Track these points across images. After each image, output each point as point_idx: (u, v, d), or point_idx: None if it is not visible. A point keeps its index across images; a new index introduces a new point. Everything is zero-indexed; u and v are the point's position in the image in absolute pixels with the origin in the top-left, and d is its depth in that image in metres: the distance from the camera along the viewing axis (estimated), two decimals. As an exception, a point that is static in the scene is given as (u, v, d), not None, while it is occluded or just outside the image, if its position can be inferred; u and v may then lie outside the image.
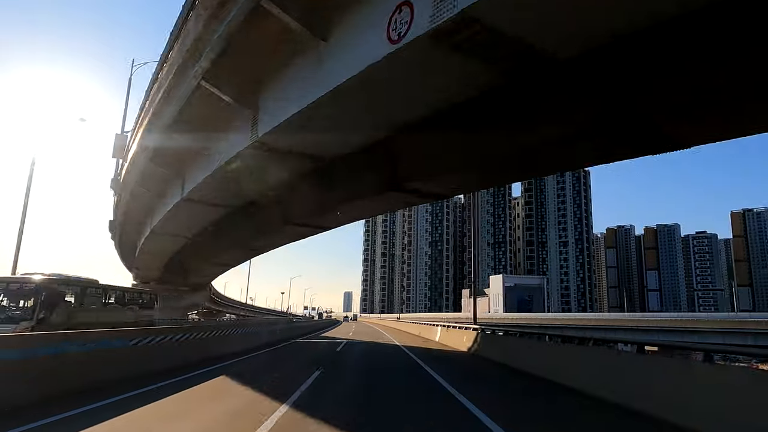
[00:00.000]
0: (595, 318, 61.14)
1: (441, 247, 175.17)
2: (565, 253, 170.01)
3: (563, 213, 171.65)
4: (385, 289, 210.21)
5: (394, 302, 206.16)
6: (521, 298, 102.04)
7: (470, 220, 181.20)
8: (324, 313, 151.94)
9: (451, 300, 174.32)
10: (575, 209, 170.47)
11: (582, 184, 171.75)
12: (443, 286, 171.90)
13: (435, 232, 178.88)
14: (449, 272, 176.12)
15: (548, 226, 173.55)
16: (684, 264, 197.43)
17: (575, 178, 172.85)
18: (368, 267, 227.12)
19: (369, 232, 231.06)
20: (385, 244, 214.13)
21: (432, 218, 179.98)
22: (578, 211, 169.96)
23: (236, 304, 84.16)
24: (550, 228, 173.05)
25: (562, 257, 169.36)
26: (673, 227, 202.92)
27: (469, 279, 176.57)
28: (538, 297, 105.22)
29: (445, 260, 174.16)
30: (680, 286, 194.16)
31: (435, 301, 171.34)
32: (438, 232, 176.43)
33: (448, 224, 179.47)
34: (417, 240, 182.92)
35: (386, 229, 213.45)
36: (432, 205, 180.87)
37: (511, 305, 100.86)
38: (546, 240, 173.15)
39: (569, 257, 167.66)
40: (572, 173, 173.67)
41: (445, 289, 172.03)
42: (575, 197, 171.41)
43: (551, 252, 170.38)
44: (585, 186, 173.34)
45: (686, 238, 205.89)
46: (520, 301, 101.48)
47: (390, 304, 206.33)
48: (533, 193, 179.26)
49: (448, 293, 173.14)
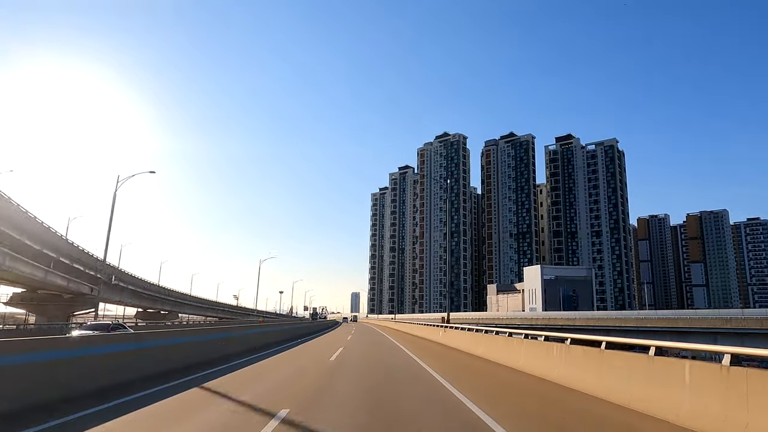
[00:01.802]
0: (704, 317, 42.11)
1: (458, 239, 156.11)
2: (599, 244, 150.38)
3: (595, 199, 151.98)
4: (394, 288, 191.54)
5: (405, 302, 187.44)
6: (565, 294, 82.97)
7: (490, 209, 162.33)
8: (320, 313, 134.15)
9: (470, 298, 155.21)
10: (609, 194, 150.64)
11: (617, 165, 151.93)
12: (461, 282, 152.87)
13: (450, 222, 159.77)
14: (467, 267, 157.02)
15: (579, 214, 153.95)
16: (735, 255, 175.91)
17: (608, 159, 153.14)
18: (376, 264, 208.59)
19: (376, 226, 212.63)
20: (394, 238, 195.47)
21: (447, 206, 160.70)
22: (613, 197, 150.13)
23: (202, 302, 66.19)
24: (581, 216, 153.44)
25: (595, 249, 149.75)
26: (721, 213, 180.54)
27: (490, 274, 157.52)
28: (584, 291, 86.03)
29: (463, 253, 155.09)
30: (731, 281, 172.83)
31: (452, 299, 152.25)
32: (454, 222, 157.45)
33: (465, 213, 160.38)
34: (430, 231, 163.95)
35: (395, 222, 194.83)
36: (447, 191, 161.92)
37: (552, 302, 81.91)
38: (576, 230, 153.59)
39: (604, 249, 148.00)
40: (605, 153, 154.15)
41: (463, 286, 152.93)
42: (609, 180, 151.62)
43: (582, 243, 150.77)
44: (620, 168, 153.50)
45: (737, 226, 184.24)
46: (564, 297, 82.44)
47: (400, 304, 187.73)
48: (560, 177, 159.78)
49: (466, 290, 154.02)
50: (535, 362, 11.23)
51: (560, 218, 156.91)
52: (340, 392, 8.40)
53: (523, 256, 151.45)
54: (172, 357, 11.22)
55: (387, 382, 9.86)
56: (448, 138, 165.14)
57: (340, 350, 19.38)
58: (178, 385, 8.77)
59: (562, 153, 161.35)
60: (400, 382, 10.05)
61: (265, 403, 7.10)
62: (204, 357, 13.14)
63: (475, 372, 12.13)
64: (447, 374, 11.03)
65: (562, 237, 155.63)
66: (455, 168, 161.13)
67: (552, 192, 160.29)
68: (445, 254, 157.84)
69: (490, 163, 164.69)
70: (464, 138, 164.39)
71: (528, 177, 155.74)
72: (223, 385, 8.93)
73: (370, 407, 6.91)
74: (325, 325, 54.31)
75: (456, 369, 12.76)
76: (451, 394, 8.23)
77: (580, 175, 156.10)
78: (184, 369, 10.90)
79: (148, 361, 10.01)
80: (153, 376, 9.47)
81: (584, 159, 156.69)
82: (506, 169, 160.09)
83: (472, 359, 15.31)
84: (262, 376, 10.72)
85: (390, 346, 22.36)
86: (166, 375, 9.79)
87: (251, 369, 11.93)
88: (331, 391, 8.46)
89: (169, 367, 10.64)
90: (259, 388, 8.83)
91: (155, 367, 10.09)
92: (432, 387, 9.13)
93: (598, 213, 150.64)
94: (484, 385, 9.82)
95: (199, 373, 10.49)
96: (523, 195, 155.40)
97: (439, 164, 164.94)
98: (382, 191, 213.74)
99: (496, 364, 13.33)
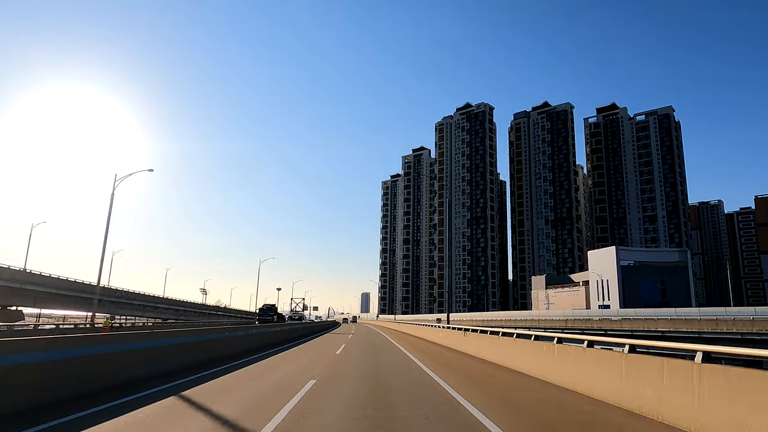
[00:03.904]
0: None
1: (484, 225, 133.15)
2: (653, 231, 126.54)
3: (648, 178, 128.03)
4: (408, 285, 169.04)
5: (421, 301, 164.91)
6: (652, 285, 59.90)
7: (520, 192, 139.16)
8: (307, 314, 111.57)
9: (498, 295, 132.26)
10: (666, 172, 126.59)
11: (673, 138, 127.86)
12: (487, 277, 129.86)
13: (475, 207, 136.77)
14: (495, 259, 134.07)
15: (627, 197, 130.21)
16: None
17: (663, 131, 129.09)
18: (387, 259, 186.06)
19: (387, 217, 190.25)
20: (407, 229, 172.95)
21: (471, 189, 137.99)
22: (670, 175, 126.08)
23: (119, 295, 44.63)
24: (630, 199, 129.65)
25: (649, 236, 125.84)
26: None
27: (522, 268, 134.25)
28: (677, 282, 62.73)
29: (490, 243, 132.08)
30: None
31: (477, 297, 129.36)
32: (479, 206, 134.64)
33: (492, 195, 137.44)
34: (451, 217, 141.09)
35: (409, 210, 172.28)
36: (470, 171, 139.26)
37: (633, 296, 58.94)
38: (624, 215, 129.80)
39: (660, 236, 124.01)
40: (659, 124, 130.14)
41: (491, 281, 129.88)
42: (665, 156, 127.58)
43: (632, 230, 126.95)
44: (677, 142, 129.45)
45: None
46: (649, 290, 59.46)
47: (416, 304, 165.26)
48: (603, 154, 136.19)
49: (494, 286, 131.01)
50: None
51: (604, 202, 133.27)
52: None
53: (563, 245, 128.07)
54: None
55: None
56: (471, 110, 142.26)
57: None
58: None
59: (605, 126, 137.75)
60: None
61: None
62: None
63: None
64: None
65: (607, 224, 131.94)
66: (480, 143, 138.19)
67: (593, 171, 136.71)
68: (468, 244, 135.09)
69: (520, 139, 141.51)
70: (490, 108, 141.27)
71: (567, 153, 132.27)
72: None
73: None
74: (300, 332, 32.33)
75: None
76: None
77: (628, 151, 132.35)
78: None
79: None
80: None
81: (633, 132, 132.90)
82: (540, 144, 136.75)
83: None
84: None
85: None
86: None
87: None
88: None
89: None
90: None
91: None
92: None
93: (651, 195, 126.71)
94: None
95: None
96: (561, 174, 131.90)
97: (461, 139, 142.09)
98: (393, 178, 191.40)
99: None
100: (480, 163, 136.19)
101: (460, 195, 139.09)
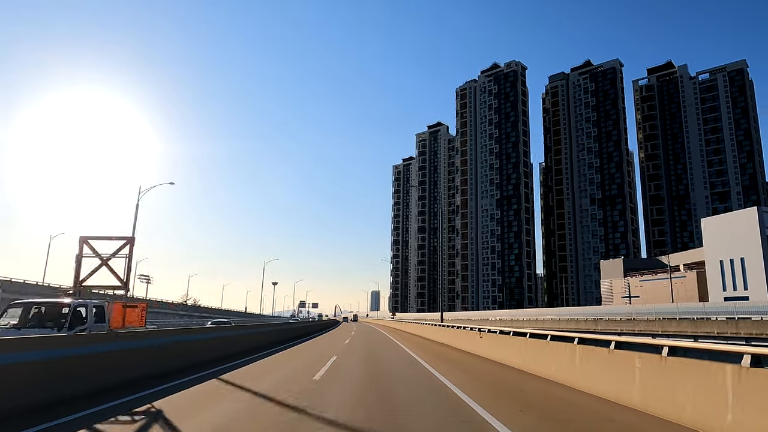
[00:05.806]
0: None
1: (517, 206, 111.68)
2: (724, 211, 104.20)
3: (716, 148, 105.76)
4: (424, 279, 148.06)
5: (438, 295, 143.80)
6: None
7: (559, 167, 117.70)
8: (299, 314, 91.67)
9: (538, 290, 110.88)
10: (740, 138, 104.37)
11: (747, 99, 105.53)
12: (522, 268, 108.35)
13: (506, 184, 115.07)
14: (531, 245, 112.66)
15: (690, 171, 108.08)
16: None
17: (736, 90, 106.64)
18: (399, 252, 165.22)
19: (399, 205, 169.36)
20: (423, 216, 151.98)
21: (500, 163, 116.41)
22: (746, 143, 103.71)
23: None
24: (695, 173, 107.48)
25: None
26: None
27: (561, 257, 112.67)
28: None
29: (525, 227, 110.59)
30: None
31: (511, 291, 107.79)
32: (511, 184, 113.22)
33: (527, 170, 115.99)
34: (476, 198, 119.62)
35: (424, 194, 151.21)
36: (499, 142, 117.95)
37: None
38: (687, 192, 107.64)
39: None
40: (731, 82, 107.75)
41: (527, 273, 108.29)
42: (738, 120, 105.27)
43: (698, 210, 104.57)
44: (752, 102, 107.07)
45: None
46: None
47: (432, 301, 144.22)
48: (658, 121, 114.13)
49: (531, 279, 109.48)
50: None
51: (659, 178, 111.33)
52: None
53: (613, 228, 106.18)
54: None
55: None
56: (500, 70, 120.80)
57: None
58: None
59: (660, 88, 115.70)
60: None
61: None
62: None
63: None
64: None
65: (664, 203, 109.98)
66: (511, 109, 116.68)
67: (646, 143, 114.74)
68: (498, 228, 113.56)
69: (557, 105, 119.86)
70: (523, 67, 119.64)
71: (617, 118, 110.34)
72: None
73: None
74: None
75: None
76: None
77: (690, 116, 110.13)
78: None
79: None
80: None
81: (696, 93, 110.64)
82: (583, 109, 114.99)
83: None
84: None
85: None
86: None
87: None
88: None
89: None
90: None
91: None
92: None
93: (721, 167, 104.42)
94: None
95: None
96: (610, 144, 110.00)
97: (488, 105, 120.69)
98: (406, 162, 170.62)
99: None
100: (512, 131, 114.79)
101: (487, 170, 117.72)
